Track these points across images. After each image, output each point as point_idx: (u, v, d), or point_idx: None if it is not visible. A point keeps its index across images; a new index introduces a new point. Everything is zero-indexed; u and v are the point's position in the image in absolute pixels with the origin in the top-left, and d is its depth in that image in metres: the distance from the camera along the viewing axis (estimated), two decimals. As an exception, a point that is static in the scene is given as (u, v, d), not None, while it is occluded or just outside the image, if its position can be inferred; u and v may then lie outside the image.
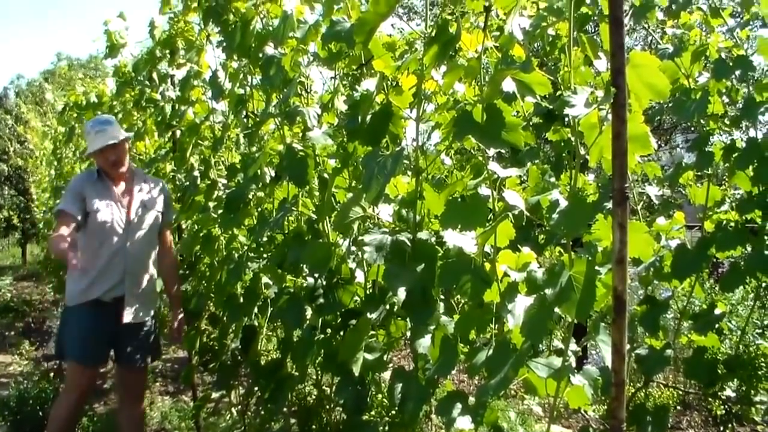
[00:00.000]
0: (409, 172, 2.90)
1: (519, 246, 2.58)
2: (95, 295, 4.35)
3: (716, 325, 3.32)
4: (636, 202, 3.71)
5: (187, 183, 4.85)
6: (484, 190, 2.35)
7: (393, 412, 3.04)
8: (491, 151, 2.24)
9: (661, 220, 3.56)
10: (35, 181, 21.57)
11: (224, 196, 3.95)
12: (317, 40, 3.15)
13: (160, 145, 6.15)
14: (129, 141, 4.74)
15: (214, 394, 4.66)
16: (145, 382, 4.92)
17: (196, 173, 4.75)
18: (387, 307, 2.84)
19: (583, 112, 2.04)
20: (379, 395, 3.31)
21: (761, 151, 3.16)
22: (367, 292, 3.04)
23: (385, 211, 2.84)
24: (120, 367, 4.64)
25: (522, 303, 2.33)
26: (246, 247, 4.06)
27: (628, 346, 2.08)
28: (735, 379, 3.39)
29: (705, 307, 3.43)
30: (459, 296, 2.63)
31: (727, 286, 3.27)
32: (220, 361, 4.45)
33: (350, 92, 3.20)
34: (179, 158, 5.07)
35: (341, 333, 3.10)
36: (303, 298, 3.25)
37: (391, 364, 3.18)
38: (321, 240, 3.17)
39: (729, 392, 3.47)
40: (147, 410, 5.91)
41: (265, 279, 3.77)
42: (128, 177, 4.64)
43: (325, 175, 3.31)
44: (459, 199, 2.33)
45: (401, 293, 2.51)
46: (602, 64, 2.35)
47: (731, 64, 3.28)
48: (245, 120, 4.03)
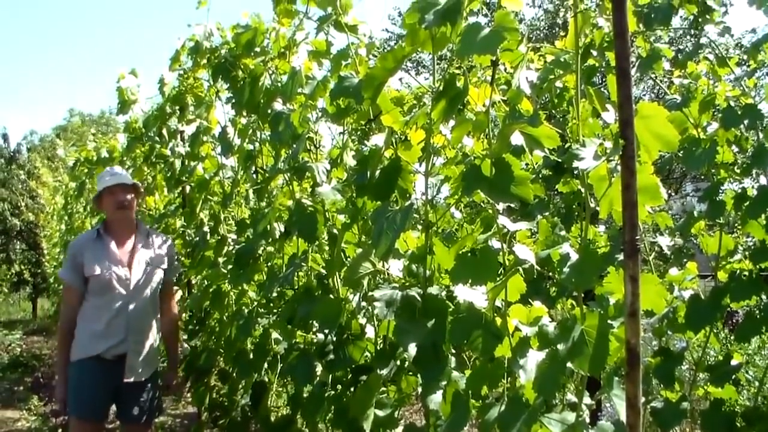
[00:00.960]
0: (419, 227, 2.89)
1: (530, 299, 2.56)
2: (97, 352, 4.30)
3: (733, 376, 3.26)
4: (648, 253, 3.68)
5: (197, 238, 4.86)
6: (494, 244, 2.33)
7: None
8: (501, 205, 2.23)
9: (673, 271, 3.52)
10: (46, 236, 21.66)
11: (234, 251, 3.95)
12: (326, 95, 3.17)
13: (169, 200, 6.18)
14: (140, 192, 4.71)
15: (224, 451, 4.61)
16: (150, 438, 4.85)
17: (206, 229, 4.77)
18: (398, 362, 2.82)
19: (592, 164, 2.03)
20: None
21: (773, 199, 3.14)
22: (378, 347, 3.01)
23: (395, 266, 2.82)
24: (123, 425, 4.59)
25: (534, 358, 2.30)
26: (256, 303, 4.05)
27: (642, 399, 2.04)
28: (755, 433, 3.32)
29: (721, 357, 3.37)
30: (470, 351, 2.60)
31: (743, 336, 3.22)
32: (230, 418, 4.41)
33: (359, 147, 3.21)
34: (189, 214, 5.08)
35: (352, 389, 3.07)
36: (313, 354, 3.23)
37: (402, 420, 3.13)
38: (331, 295, 3.15)
39: (749, 446, 3.40)
40: (156, 467, 5.84)
41: (274, 335, 3.75)
42: (133, 232, 4.58)
43: (335, 230, 3.31)
44: (469, 254, 2.31)
45: (412, 349, 2.48)
46: (610, 115, 2.35)
47: (739, 112, 3.28)
48: (254, 175, 4.04)
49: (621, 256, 1.98)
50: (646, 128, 2.13)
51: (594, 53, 3.34)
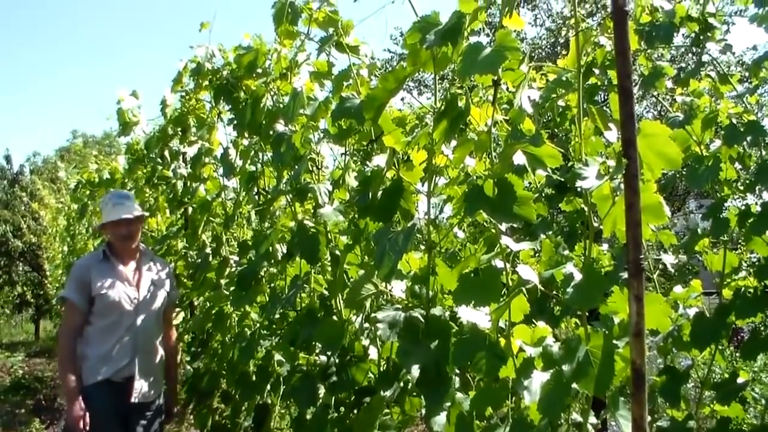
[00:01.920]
0: (422, 247, 2.87)
1: (534, 319, 2.54)
2: (106, 376, 4.27)
3: (740, 394, 3.24)
4: (651, 270, 3.67)
5: (199, 260, 4.85)
6: (497, 264, 2.32)
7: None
8: (504, 225, 2.22)
9: (678, 289, 3.51)
10: (49, 257, 21.65)
11: (236, 273, 3.94)
12: (327, 116, 3.17)
13: (171, 222, 6.17)
14: (144, 219, 4.74)
15: (227, 474, 4.57)
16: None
17: (208, 250, 4.75)
18: (401, 384, 2.80)
19: (595, 184, 2.02)
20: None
21: (777, 216, 3.13)
22: (381, 369, 2.99)
23: (398, 287, 2.81)
24: None
25: (538, 379, 2.28)
26: (258, 325, 4.03)
27: (648, 418, 2.02)
28: (762, 451, 3.29)
29: (727, 375, 3.35)
30: (474, 372, 2.58)
31: (749, 354, 3.20)
32: (232, 440, 4.38)
33: (361, 168, 3.20)
34: (191, 235, 5.07)
35: (355, 411, 3.05)
36: (316, 376, 3.21)
37: (406, 442, 3.11)
38: (333, 317, 3.14)
39: (756, 464, 3.37)
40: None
41: (277, 356, 3.73)
42: (137, 255, 4.61)
43: (337, 251, 3.29)
44: (472, 275, 2.30)
45: (415, 370, 2.46)
46: (613, 134, 2.35)
47: (742, 129, 3.28)
48: (256, 197, 4.04)
49: (625, 275, 1.97)
50: (649, 147, 2.12)
51: (596, 72, 3.34)
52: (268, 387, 3.78)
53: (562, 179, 3.69)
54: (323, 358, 3.23)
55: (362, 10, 3.01)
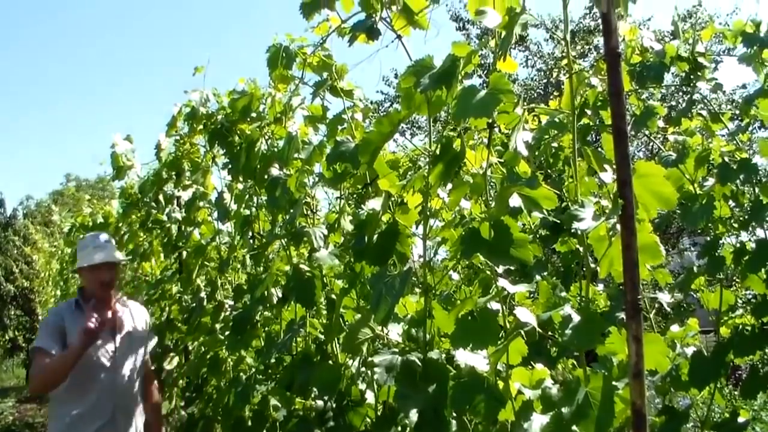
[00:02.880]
0: (417, 290, 2.87)
1: (531, 361, 2.53)
2: None
3: (740, 434, 3.22)
4: (648, 309, 3.66)
5: (194, 304, 4.81)
6: (493, 306, 2.31)
7: None
8: (501, 268, 2.22)
9: (675, 328, 3.50)
10: (41, 301, 21.53)
11: (231, 317, 3.92)
12: (322, 160, 3.18)
13: (166, 266, 6.14)
14: (124, 266, 4.58)
15: None
16: None
17: (203, 294, 4.72)
18: (399, 428, 2.77)
19: (591, 225, 2.03)
20: None
21: (772, 253, 3.14)
22: (378, 413, 2.96)
23: (394, 331, 2.79)
24: None
25: (538, 421, 2.26)
26: (254, 369, 3.99)
27: (650, 460, 2.01)
28: (764, 492, 3.27)
29: (727, 415, 3.33)
30: (472, 416, 2.56)
31: (749, 393, 3.20)
32: (228, 487, 4.31)
33: (355, 211, 3.20)
34: (185, 279, 5.04)
35: (353, 456, 3.01)
36: (312, 421, 3.18)
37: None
38: (330, 361, 3.12)
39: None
40: None
41: (273, 401, 3.69)
42: (112, 302, 4.28)
43: (333, 295, 3.28)
44: (469, 317, 2.29)
45: (413, 414, 2.44)
46: (608, 175, 2.36)
47: (735, 167, 3.30)
48: (251, 241, 4.03)
49: (622, 315, 1.97)
50: (644, 187, 2.14)
51: (588, 112, 3.37)
52: (264, 432, 3.73)
53: (557, 220, 3.70)
54: (320, 402, 3.20)
55: (355, 53, 3.04)
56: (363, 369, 3.06)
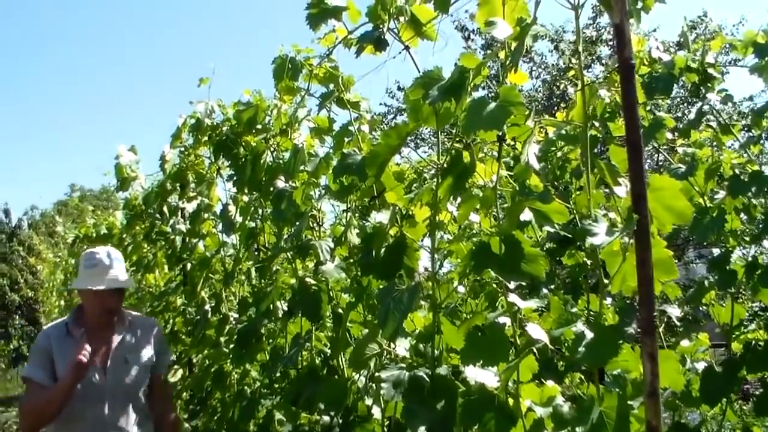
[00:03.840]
0: (423, 303, 2.83)
1: (541, 377, 2.49)
2: None
3: (755, 452, 3.18)
4: (657, 324, 3.61)
5: (198, 317, 4.78)
6: (501, 319, 2.27)
7: None
8: (512, 284, 2.18)
9: (685, 342, 3.46)
10: (45, 311, 21.54)
11: (236, 330, 3.88)
12: (328, 172, 3.15)
13: (170, 278, 6.11)
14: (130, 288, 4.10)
15: None
16: None
17: (207, 307, 4.68)
18: (406, 445, 2.73)
19: (605, 240, 1.98)
20: None
21: (785, 267, 3.10)
22: (384, 429, 2.92)
23: (402, 346, 2.76)
24: None
25: (550, 440, 2.22)
26: (259, 383, 3.96)
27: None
28: None
29: (739, 431, 3.29)
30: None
31: (762, 409, 3.15)
32: (233, 502, 4.27)
33: (362, 224, 3.17)
34: (190, 292, 5.01)
35: (360, 473, 2.97)
36: (318, 437, 3.14)
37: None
38: (336, 376, 3.08)
39: None
40: None
41: (278, 416, 3.65)
42: (112, 326, 3.71)
43: (339, 309, 3.24)
44: (479, 333, 2.25)
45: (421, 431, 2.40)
46: (622, 190, 2.31)
47: (746, 180, 3.26)
48: (256, 253, 3.99)
49: (630, 329, 1.94)
50: (658, 201, 2.10)
51: (596, 124, 3.33)
52: (270, 447, 3.69)
53: (565, 233, 3.66)
54: (326, 418, 3.16)
55: (358, 64, 3.01)
56: (370, 384, 3.03)
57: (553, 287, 3.66)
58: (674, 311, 3.77)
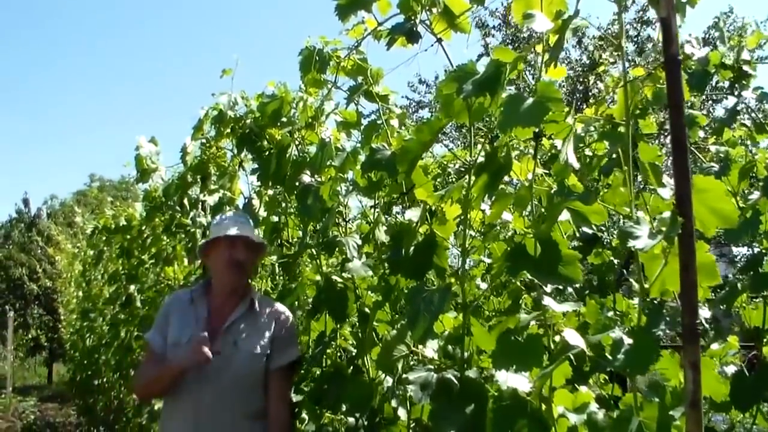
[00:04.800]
0: (452, 304, 2.76)
1: (574, 383, 2.41)
2: None
3: (786, 459, 3.11)
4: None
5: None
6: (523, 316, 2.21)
7: None
8: (549, 287, 2.11)
9: (714, 346, 3.39)
10: (63, 301, 21.63)
11: (258, 327, 3.82)
12: (356, 168, 3.08)
13: (189, 271, 6.08)
14: (263, 253, 3.74)
15: None
16: None
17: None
18: (433, 449, 2.67)
19: (649, 243, 1.90)
20: None
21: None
22: (411, 432, 2.87)
23: (430, 347, 2.69)
24: None
25: (584, 448, 2.15)
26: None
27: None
28: None
29: (768, 437, 3.22)
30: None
31: (794, 416, 3.07)
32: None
33: (390, 222, 3.11)
34: (210, 285, 4.96)
35: (384, 476, 2.91)
36: (343, 438, 3.09)
37: None
38: (362, 376, 3.01)
39: None
40: None
41: (302, 414, 3.59)
42: (238, 302, 3.48)
43: (366, 308, 3.17)
44: (512, 337, 2.18)
45: (450, 436, 2.34)
46: (667, 191, 2.23)
47: (784, 180, 3.17)
48: (280, 248, 3.93)
49: (658, 330, 1.87)
50: (702, 203, 2.01)
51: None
52: (293, 447, 3.63)
53: (595, 232, 3.59)
54: (351, 419, 3.10)
55: (387, 57, 2.94)
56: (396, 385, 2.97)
57: (578, 287, 3.59)
58: (704, 313, 3.69)
